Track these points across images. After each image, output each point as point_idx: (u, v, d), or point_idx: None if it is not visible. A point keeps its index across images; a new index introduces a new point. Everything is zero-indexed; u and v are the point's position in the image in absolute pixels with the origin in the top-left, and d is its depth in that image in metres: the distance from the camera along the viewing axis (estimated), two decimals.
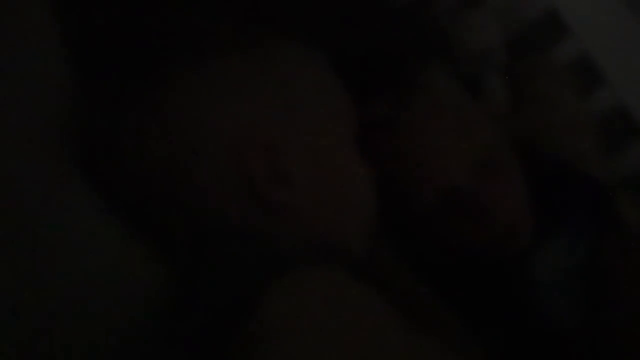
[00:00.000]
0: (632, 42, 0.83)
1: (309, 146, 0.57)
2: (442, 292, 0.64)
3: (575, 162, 0.83)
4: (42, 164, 0.54)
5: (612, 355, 0.64)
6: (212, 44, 0.59)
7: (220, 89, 0.56)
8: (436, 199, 0.66)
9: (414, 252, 0.68)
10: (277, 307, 0.46)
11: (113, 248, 0.54)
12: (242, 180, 0.54)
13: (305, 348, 0.45)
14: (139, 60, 0.58)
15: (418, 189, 0.66)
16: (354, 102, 0.62)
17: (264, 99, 0.56)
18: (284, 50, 0.60)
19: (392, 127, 0.67)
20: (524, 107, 0.87)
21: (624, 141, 0.85)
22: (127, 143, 0.55)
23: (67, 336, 0.51)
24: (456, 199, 0.66)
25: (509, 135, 0.75)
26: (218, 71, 0.56)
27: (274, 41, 0.60)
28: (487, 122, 0.71)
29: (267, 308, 0.46)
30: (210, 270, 0.54)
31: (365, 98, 0.66)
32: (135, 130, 0.55)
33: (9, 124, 0.53)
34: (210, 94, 0.55)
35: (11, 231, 0.50)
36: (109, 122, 0.57)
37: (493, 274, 0.68)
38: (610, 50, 0.85)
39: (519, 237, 0.67)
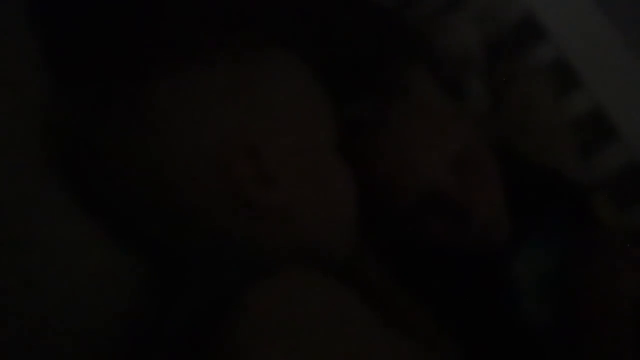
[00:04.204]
0: (607, 44, 0.84)
1: (291, 148, 0.57)
2: (421, 293, 0.65)
3: (553, 163, 0.84)
4: (22, 167, 0.54)
5: (586, 356, 0.65)
6: (195, 49, 0.59)
7: (202, 93, 0.56)
8: (414, 198, 0.66)
9: (393, 253, 0.69)
10: (258, 309, 0.46)
11: (94, 251, 0.54)
12: (227, 183, 0.54)
13: (286, 350, 0.45)
14: (122, 63, 0.58)
15: (397, 189, 0.66)
16: (335, 105, 0.62)
17: (245, 103, 0.56)
18: (265, 55, 0.60)
19: (373, 129, 0.67)
20: (502, 110, 0.88)
21: (600, 143, 0.86)
22: (109, 146, 0.55)
23: (49, 338, 0.50)
24: (434, 197, 0.66)
25: (488, 137, 0.76)
26: (201, 75, 0.57)
27: (255, 45, 0.61)
28: (466, 123, 0.72)
29: (248, 311, 0.46)
30: (194, 273, 0.54)
31: (347, 100, 0.66)
32: (117, 133, 0.55)
33: None
34: (193, 98, 0.55)
35: None
36: (90, 124, 0.57)
37: (470, 275, 0.69)
38: (586, 53, 0.86)
39: (495, 237, 0.68)
